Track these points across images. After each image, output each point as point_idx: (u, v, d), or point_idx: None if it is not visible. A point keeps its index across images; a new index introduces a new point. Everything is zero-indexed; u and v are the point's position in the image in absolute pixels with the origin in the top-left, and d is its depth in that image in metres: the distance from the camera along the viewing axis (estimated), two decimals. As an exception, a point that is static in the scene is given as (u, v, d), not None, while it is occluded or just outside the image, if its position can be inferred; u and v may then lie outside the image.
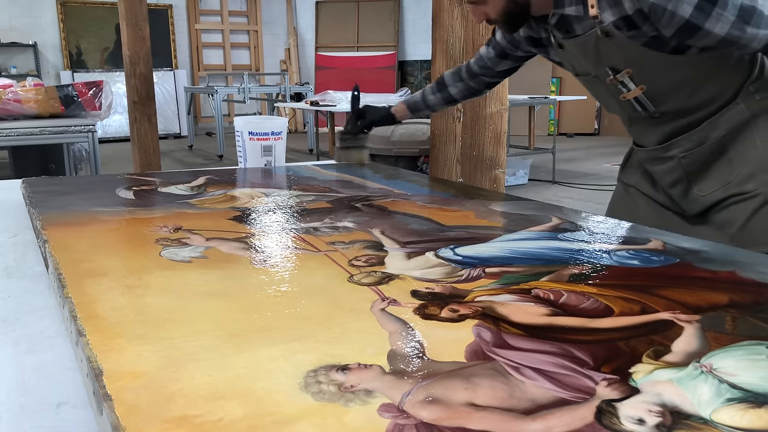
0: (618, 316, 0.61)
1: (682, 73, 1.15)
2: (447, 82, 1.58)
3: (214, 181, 1.34)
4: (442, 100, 1.61)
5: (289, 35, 10.72)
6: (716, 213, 1.20)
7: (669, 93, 1.19)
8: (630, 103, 1.23)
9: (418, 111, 1.66)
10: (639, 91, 1.19)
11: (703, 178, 1.22)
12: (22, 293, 0.76)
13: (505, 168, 2.42)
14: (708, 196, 1.21)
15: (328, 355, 0.52)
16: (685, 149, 1.22)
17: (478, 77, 1.53)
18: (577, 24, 1.18)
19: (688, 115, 1.20)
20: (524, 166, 5.80)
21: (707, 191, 1.21)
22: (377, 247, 0.84)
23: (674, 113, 1.21)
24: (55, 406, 0.50)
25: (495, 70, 1.49)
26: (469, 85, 1.55)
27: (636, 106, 1.23)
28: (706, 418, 0.43)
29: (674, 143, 1.23)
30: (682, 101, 1.19)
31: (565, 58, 1.29)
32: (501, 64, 1.47)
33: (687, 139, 1.21)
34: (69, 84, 3.56)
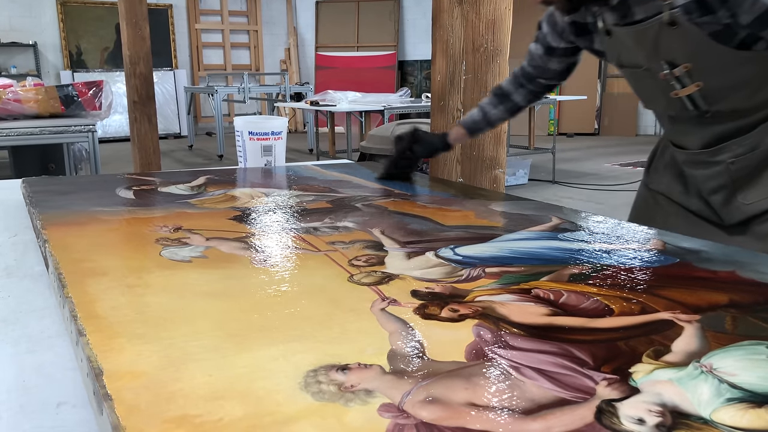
0: (618, 315, 0.61)
1: (744, 71, 1.07)
2: (508, 90, 1.43)
3: (214, 181, 1.34)
4: (506, 111, 1.44)
5: (289, 35, 10.72)
6: (760, 224, 1.13)
7: (727, 92, 1.10)
8: (680, 100, 1.13)
9: (478, 131, 1.48)
10: (695, 88, 1.10)
11: (750, 186, 1.13)
12: (22, 293, 0.76)
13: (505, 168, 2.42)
14: (753, 205, 1.13)
15: (328, 355, 0.52)
16: (735, 154, 1.13)
17: (535, 80, 1.40)
18: (639, 7, 1.08)
19: (742, 117, 1.11)
20: (524, 166, 5.81)
21: (753, 200, 1.13)
22: (377, 247, 0.84)
23: (728, 114, 1.12)
24: (55, 406, 0.50)
25: (548, 68, 1.36)
26: (530, 89, 1.42)
27: (687, 103, 1.13)
28: (706, 417, 0.43)
29: (724, 147, 1.13)
30: (739, 101, 1.10)
31: (612, 46, 1.18)
32: (551, 62, 1.35)
33: (739, 144, 1.12)
34: (69, 84, 3.56)
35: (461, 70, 2.35)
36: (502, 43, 2.13)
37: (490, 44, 2.12)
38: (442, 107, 2.66)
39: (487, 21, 2.10)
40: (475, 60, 2.16)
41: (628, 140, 9.13)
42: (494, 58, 2.14)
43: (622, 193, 5.08)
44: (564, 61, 1.35)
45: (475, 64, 2.25)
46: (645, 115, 9.80)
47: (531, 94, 1.42)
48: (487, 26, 2.11)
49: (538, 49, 1.35)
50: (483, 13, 2.09)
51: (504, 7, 2.10)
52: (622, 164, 6.90)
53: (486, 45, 2.12)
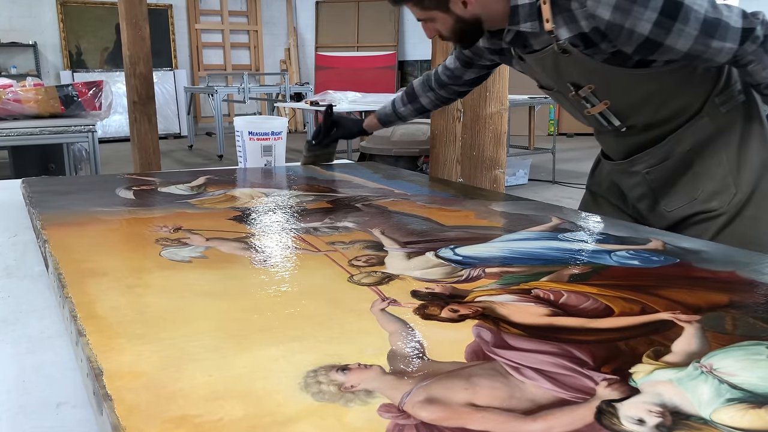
0: (618, 316, 0.61)
1: (647, 87, 1.11)
2: (417, 92, 1.53)
3: (214, 181, 1.34)
4: (413, 111, 1.56)
5: (289, 35, 10.72)
6: (683, 230, 1.16)
7: (635, 108, 1.15)
8: (595, 117, 1.20)
9: (389, 123, 1.63)
10: (603, 106, 1.16)
11: (669, 194, 1.18)
12: (22, 293, 0.76)
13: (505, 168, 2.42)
14: (674, 212, 1.18)
15: (328, 355, 0.52)
16: (649, 165, 1.18)
17: (447, 86, 1.48)
18: (534, 39, 1.14)
19: (655, 128, 1.16)
20: (524, 166, 5.80)
21: (673, 207, 1.18)
22: (377, 247, 0.84)
23: (641, 127, 1.17)
24: (55, 406, 0.50)
25: (463, 78, 1.45)
26: (439, 94, 1.51)
27: (601, 120, 1.19)
28: (706, 418, 0.43)
29: (638, 158, 1.19)
30: (648, 116, 1.15)
31: (527, 70, 1.25)
32: (467, 73, 1.43)
33: (651, 155, 1.17)
34: (69, 84, 3.56)
35: (461, 71, 2.35)
36: (502, 44, 2.13)
37: (490, 44, 2.12)
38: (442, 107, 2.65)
39: (487, 21, 2.09)
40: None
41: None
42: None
43: (622, 193, 5.06)
44: (480, 73, 1.43)
45: (475, 65, 2.24)
46: (645, 116, 9.78)
47: (438, 99, 1.52)
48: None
49: (455, 62, 1.42)
50: (483, 13, 2.09)
51: (504, 8, 2.09)
52: (622, 164, 6.88)
53: (486, 45, 2.12)
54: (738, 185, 1.12)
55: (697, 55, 1.00)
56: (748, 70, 1.04)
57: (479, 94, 2.36)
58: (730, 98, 1.13)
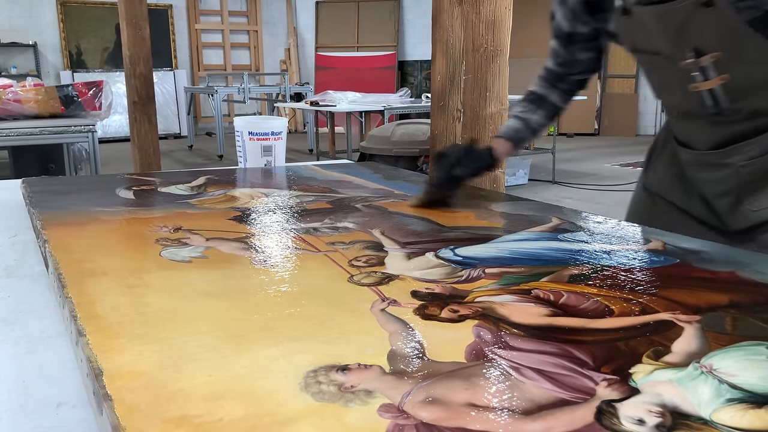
0: (618, 316, 0.61)
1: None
2: (542, 93, 1.29)
3: (214, 181, 1.34)
4: (546, 116, 1.29)
5: (289, 35, 10.72)
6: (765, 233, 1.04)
7: (753, 88, 1.00)
8: (699, 94, 1.02)
9: (523, 141, 1.30)
10: (719, 81, 0.99)
11: (759, 192, 1.04)
12: (22, 293, 0.76)
13: (505, 168, 2.42)
14: (761, 212, 1.04)
15: (328, 356, 0.52)
16: (748, 157, 1.03)
17: (565, 78, 1.27)
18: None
19: (761, 117, 1.02)
20: (524, 166, 5.81)
21: (761, 206, 1.04)
22: (377, 248, 0.84)
23: (747, 114, 1.02)
24: (55, 406, 0.50)
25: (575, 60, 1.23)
26: (563, 88, 1.28)
27: (707, 99, 1.02)
28: (706, 418, 0.43)
29: (736, 149, 1.04)
30: (763, 101, 1.00)
31: (628, 28, 1.07)
32: (575, 53, 1.22)
33: (754, 145, 1.02)
34: (69, 84, 3.56)
35: (461, 71, 2.35)
36: (502, 44, 2.13)
37: (490, 44, 2.12)
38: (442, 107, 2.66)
39: (487, 21, 2.10)
40: (475, 60, 2.16)
41: (628, 140, 9.13)
42: (494, 58, 2.14)
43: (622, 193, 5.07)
44: (589, 48, 1.22)
45: (475, 65, 2.24)
46: (645, 115, 9.81)
47: (566, 94, 1.29)
48: (487, 26, 2.11)
49: (558, 42, 1.23)
50: (483, 13, 2.09)
51: (504, 7, 2.10)
52: (622, 164, 6.91)
53: (486, 45, 2.12)
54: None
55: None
56: None
57: (479, 93, 2.36)
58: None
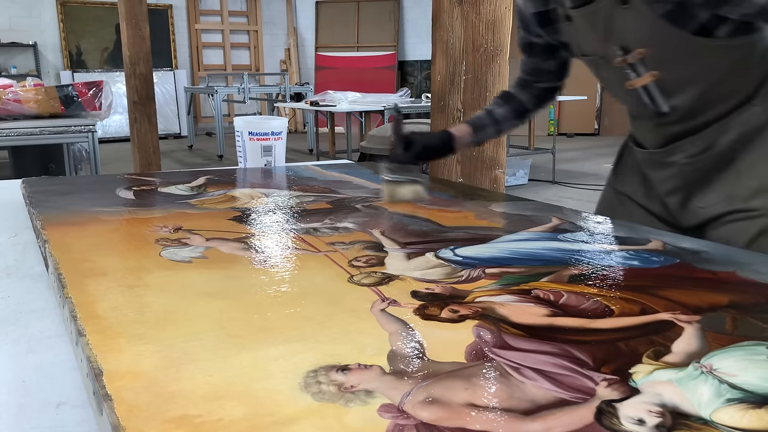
0: (618, 316, 0.61)
1: (702, 60, 1.00)
2: (512, 92, 1.35)
3: (214, 182, 1.34)
4: (513, 111, 1.33)
5: (289, 35, 10.72)
6: (715, 229, 1.07)
7: (685, 83, 1.04)
8: (636, 93, 1.07)
9: (483, 128, 1.32)
10: (650, 78, 1.04)
11: (705, 189, 1.08)
12: (22, 293, 0.76)
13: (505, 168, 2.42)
14: (707, 209, 1.08)
15: (328, 356, 0.52)
16: (689, 155, 1.08)
17: (533, 85, 1.32)
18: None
19: (699, 115, 1.06)
20: (524, 166, 5.81)
21: (708, 203, 1.07)
22: (377, 248, 0.84)
23: (685, 111, 1.06)
24: (55, 406, 0.50)
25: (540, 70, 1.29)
26: (532, 93, 1.33)
27: (644, 96, 1.07)
28: (706, 418, 0.43)
29: (677, 147, 1.09)
30: (696, 96, 1.04)
31: (572, 34, 1.13)
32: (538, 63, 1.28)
33: (692, 143, 1.07)
34: (69, 84, 3.56)
35: (461, 71, 2.35)
36: (502, 43, 2.13)
37: (490, 44, 2.12)
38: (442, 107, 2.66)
39: (487, 21, 2.10)
40: (475, 60, 2.16)
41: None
42: (494, 58, 2.14)
43: (622, 193, 5.06)
44: (550, 59, 1.27)
45: (475, 64, 2.24)
46: (645, 116, 9.79)
47: (535, 99, 1.34)
48: (487, 26, 2.11)
49: (522, 51, 1.30)
50: (483, 13, 2.09)
51: (504, 7, 2.10)
52: (622, 164, 6.89)
53: (486, 45, 2.12)
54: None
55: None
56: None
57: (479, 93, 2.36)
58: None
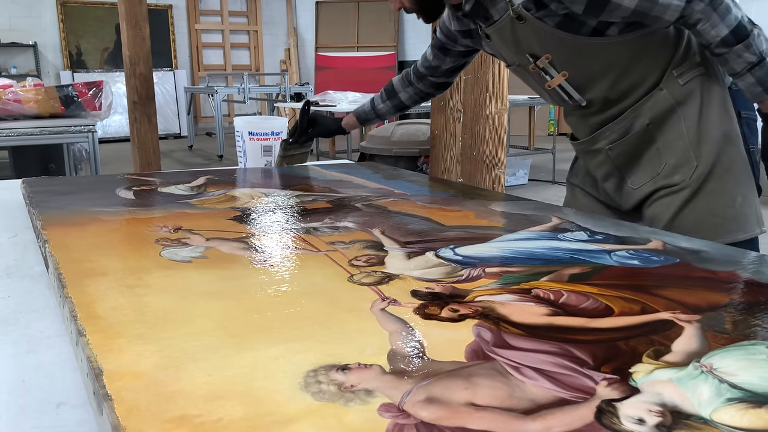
0: (618, 316, 0.61)
1: (603, 57, 1.11)
2: (396, 88, 1.55)
3: (214, 181, 1.34)
4: (392, 108, 1.57)
5: (289, 35, 10.72)
6: (647, 207, 1.16)
7: (592, 79, 1.15)
8: (556, 92, 1.19)
9: (368, 121, 1.62)
10: (561, 78, 1.15)
11: (633, 170, 1.18)
12: (22, 293, 0.76)
13: (505, 168, 2.42)
14: (640, 189, 1.17)
15: (328, 355, 0.52)
16: (610, 141, 1.18)
17: (425, 79, 1.50)
18: (493, 9, 1.15)
19: (616, 104, 1.16)
20: (524, 166, 5.80)
21: (638, 183, 1.17)
22: (377, 247, 0.84)
23: (602, 102, 1.17)
24: (55, 406, 0.50)
25: (441, 68, 1.46)
26: (418, 89, 1.52)
27: (562, 95, 1.19)
28: (706, 417, 0.43)
29: (599, 135, 1.20)
30: (606, 88, 1.14)
31: (494, 48, 1.25)
32: (445, 62, 1.44)
33: (611, 130, 1.18)
34: (69, 84, 3.56)
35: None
36: (502, 44, 2.13)
37: (490, 44, 2.12)
38: (442, 107, 2.66)
39: (487, 21, 2.09)
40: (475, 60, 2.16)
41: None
42: (494, 58, 2.14)
43: (622, 193, 5.06)
44: (457, 62, 1.44)
45: (474, 65, 2.24)
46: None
47: (417, 94, 1.53)
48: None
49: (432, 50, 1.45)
50: (483, 13, 2.09)
51: (504, 8, 2.09)
52: (622, 164, 6.89)
53: (486, 45, 2.12)
54: (699, 158, 1.11)
55: (645, 13, 1.01)
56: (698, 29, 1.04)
57: (479, 93, 2.36)
58: (688, 70, 1.12)
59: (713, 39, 1.04)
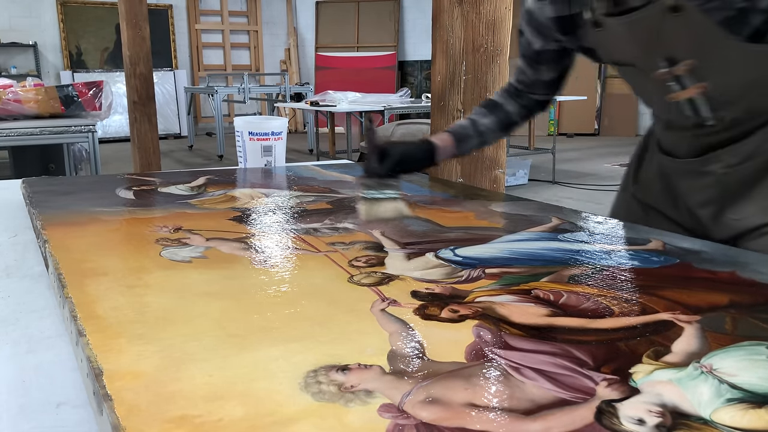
0: (618, 316, 0.61)
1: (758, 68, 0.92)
2: (499, 101, 1.26)
3: (214, 182, 1.34)
4: (497, 123, 1.24)
5: (289, 35, 10.72)
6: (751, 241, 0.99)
7: (735, 94, 0.95)
8: (678, 106, 0.98)
9: (467, 139, 1.24)
10: (695, 91, 0.94)
11: (741, 201, 1.00)
12: (22, 293, 0.76)
13: (505, 168, 2.42)
14: (742, 221, 1.00)
15: (328, 356, 0.52)
16: (728, 164, 0.99)
17: (525, 95, 1.24)
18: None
19: (744, 124, 0.97)
20: (524, 167, 5.81)
21: (743, 216, 0.99)
22: (377, 248, 0.84)
23: (731, 122, 0.97)
24: (55, 406, 0.50)
25: (538, 80, 1.20)
26: (521, 103, 1.24)
27: (686, 109, 0.97)
28: (706, 418, 0.43)
29: (715, 156, 1.00)
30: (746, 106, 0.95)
31: (602, 41, 1.03)
32: (539, 72, 1.19)
33: (733, 152, 0.98)
34: (69, 84, 3.56)
35: (461, 71, 2.35)
36: (502, 44, 2.13)
37: (490, 45, 2.12)
38: (442, 107, 2.66)
39: (487, 21, 2.10)
40: (475, 60, 2.16)
41: (628, 140, 9.12)
42: (494, 58, 2.14)
43: (622, 193, 5.06)
44: (554, 68, 1.19)
45: (475, 65, 2.25)
46: (645, 115, 9.80)
47: (524, 109, 1.25)
48: (487, 26, 2.11)
49: (524, 59, 1.20)
50: (483, 13, 2.10)
51: (504, 8, 2.10)
52: (622, 164, 6.90)
53: (486, 45, 2.13)
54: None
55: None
56: None
57: (479, 94, 2.36)
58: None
59: None
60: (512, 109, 1.24)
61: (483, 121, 1.24)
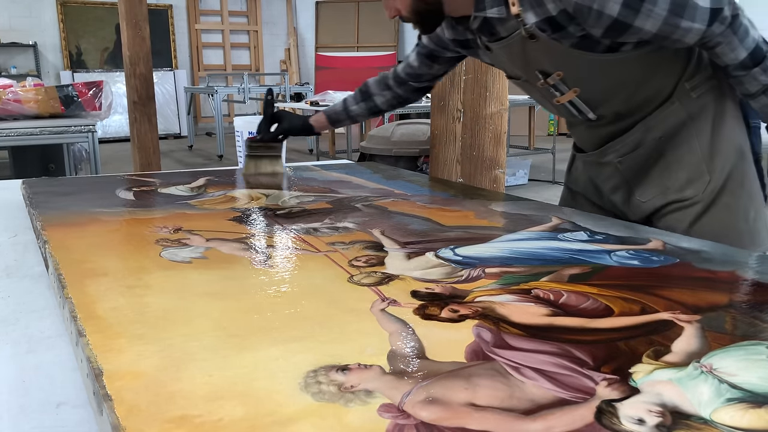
0: (618, 316, 0.61)
1: (616, 73, 1.08)
2: (372, 91, 1.46)
3: (214, 182, 1.34)
4: (366, 110, 1.48)
5: (289, 35, 10.72)
6: (658, 220, 1.14)
7: (605, 95, 1.12)
8: (565, 107, 1.16)
9: (339, 122, 1.53)
10: (573, 95, 1.12)
11: (642, 184, 1.15)
12: (22, 293, 0.76)
13: (505, 168, 2.42)
14: (648, 203, 1.15)
15: (328, 356, 0.52)
16: (620, 154, 1.16)
17: (406, 84, 1.42)
18: (501, 26, 1.10)
19: (627, 117, 1.13)
20: (524, 166, 5.80)
21: (647, 197, 1.15)
22: (377, 248, 0.84)
23: (612, 116, 1.14)
24: (55, 406, 0.50)
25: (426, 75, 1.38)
26: (396, 93, 1.44)
27: (572, 110, 1.16)
28: (706, 418, 0.43)
29: (609, 148, 1.17)
30: (619, 103, 1.12)
31: (495, 61, 1.22)
32: (432, 69, 1.37)
33: (622, 143, 1.15)
34: (69, 84, 3.56)
35: (461, 70, 2.35)
36: (502, 44, 2.13)
37: (490, 44, 2.12)
38: (442, 107, 2.66)
39: (487, 21, 2.09)
40: (475, 60, 2.16)
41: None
42: (494, 58, 2.14)
43: (622, 193, 5.05)
44: (447, 67, 1.38)
45: (475, 64, 2.24)
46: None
47: (395, 99, 1.45)
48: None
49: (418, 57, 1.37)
50: (483, 13, 2.09)
51: (504, 8, 2.09)
52: (622, 164, 6.89)
53: (486, 45, 2.12)
54: (712, 172, 1.09)
55: (666, 36, 0.98)
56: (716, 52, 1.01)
57: (479, 93, 2.36)
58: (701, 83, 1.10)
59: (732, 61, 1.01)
60: (381, 101, 1.46)
61: (353, 107, 1.49)
